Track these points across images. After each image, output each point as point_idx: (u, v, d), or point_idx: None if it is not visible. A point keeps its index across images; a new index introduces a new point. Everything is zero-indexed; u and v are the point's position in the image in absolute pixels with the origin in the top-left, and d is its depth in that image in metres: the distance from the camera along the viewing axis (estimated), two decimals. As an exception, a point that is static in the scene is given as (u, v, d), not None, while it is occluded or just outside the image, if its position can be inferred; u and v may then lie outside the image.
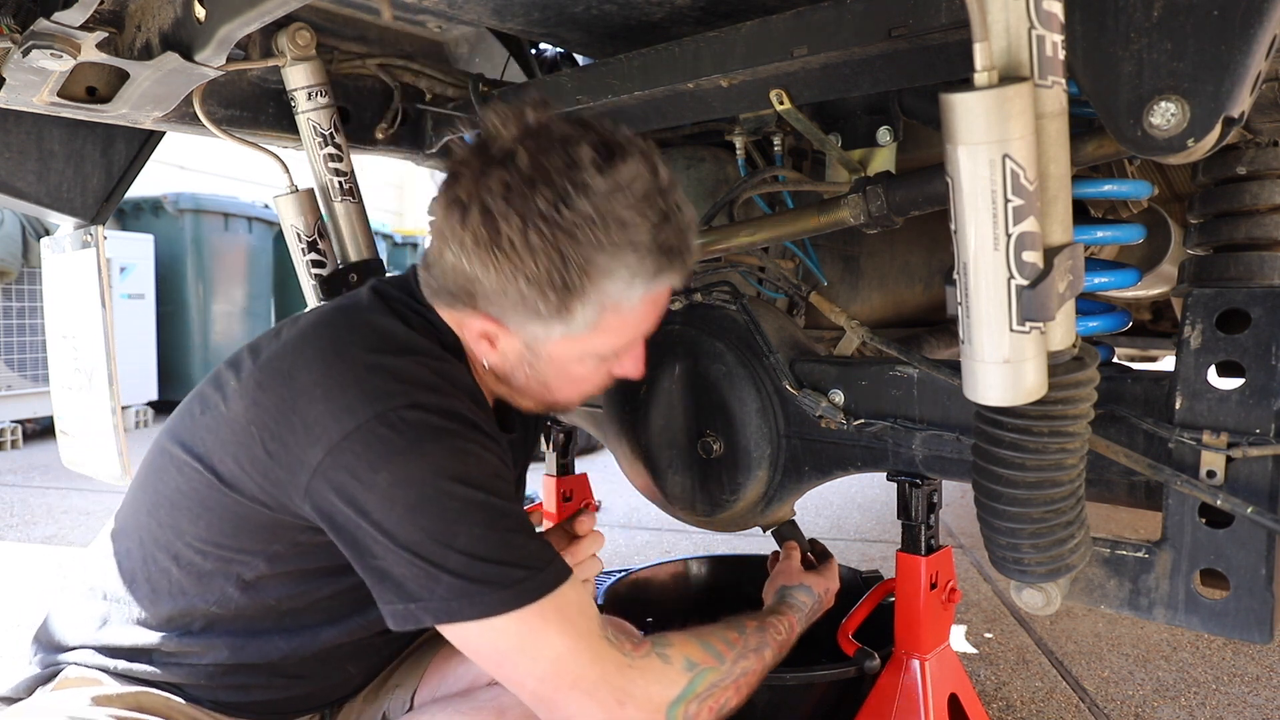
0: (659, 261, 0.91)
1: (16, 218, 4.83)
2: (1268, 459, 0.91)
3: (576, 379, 1.03)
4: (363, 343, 0.93)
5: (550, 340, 0.95)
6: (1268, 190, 1.00)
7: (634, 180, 0.88)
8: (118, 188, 1.70)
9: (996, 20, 0.68)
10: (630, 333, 0.98)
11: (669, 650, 0.97)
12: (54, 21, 1.04)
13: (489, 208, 0.86)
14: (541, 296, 0.89)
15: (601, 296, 0.91)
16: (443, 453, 0.87)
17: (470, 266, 0.90)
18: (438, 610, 0.86)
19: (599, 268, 0.88)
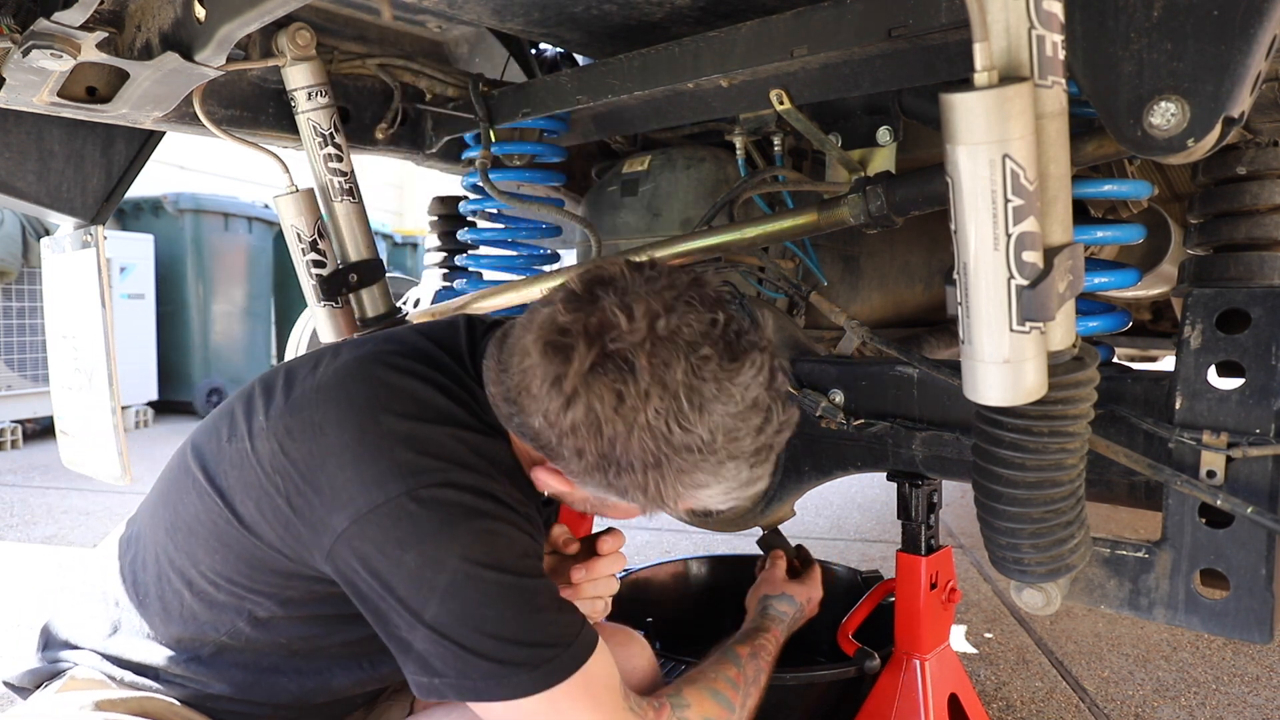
0: (755, 468, 0.89)
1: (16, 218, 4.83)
2: (1268, 459, 0.91)
3: (627, 513, 1.01)
4: (400, 408, 0.89)
5: (612, 504, 0.95)
6: (1268, 190, 1.00)
7: (749, 387, 0.84)
8: (118, 188, 1.70)
9: (996, 20, 0.68)
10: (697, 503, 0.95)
11: (688, 713, 1.00)
12: (54, 21, 1.04)
13: (595, 412, 0.82)
14: (625, 494, 0.87)
15: (693, 502, 0.90)
16: (473, 536, 0.85)
17: (558, 444, 0.86)
18: (463, 688, 0.85)
19: (698, 483, 0.86)
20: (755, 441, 0.86)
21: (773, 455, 0.90)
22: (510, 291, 1.65)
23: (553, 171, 1.67)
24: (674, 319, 0.83)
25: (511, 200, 1.56)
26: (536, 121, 1.52)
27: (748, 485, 0.90)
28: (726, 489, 0.88)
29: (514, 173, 1.63)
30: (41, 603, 2.48)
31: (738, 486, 0.89)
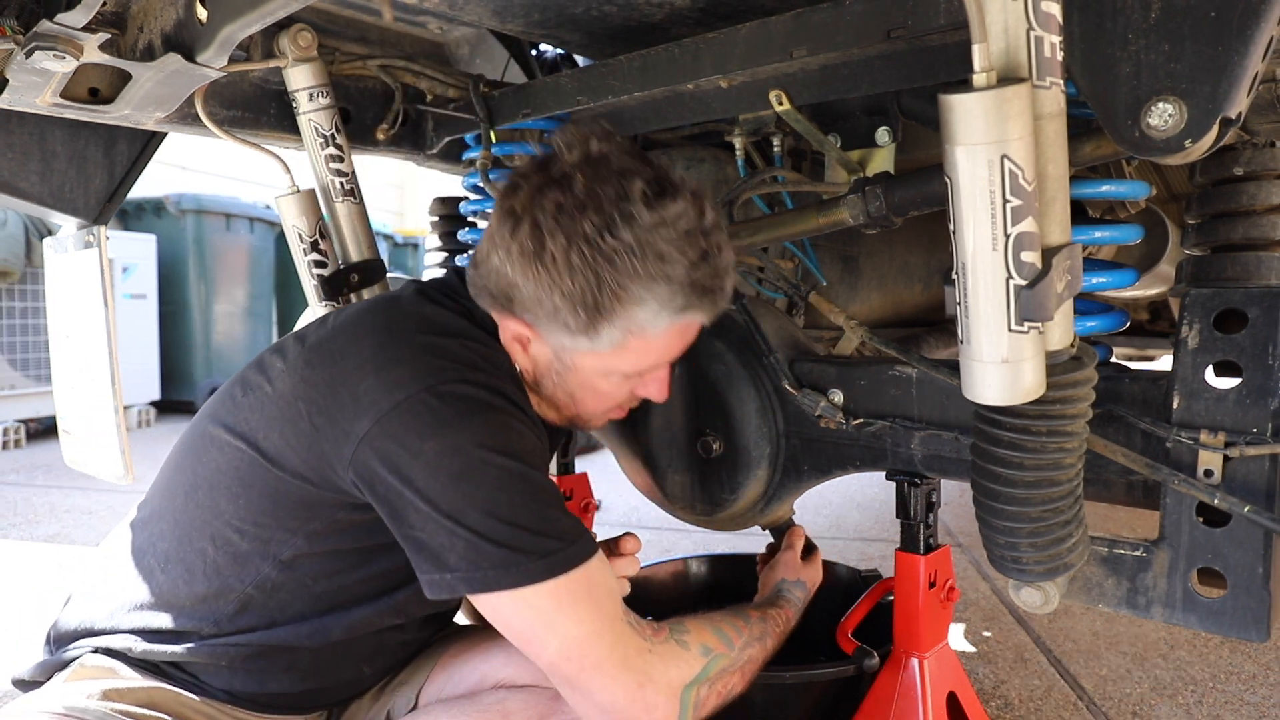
0: (689, 298, 0.97)
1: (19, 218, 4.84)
2: (1265, 458, 0.91)
3: (600, 394, 1.07)
4: (414, 326, 0.99)
5: (576, 352, 1.01)
6: (1265, 191, 1.01)
7: (679, 218, 0.94)
8: (120, 188, 1.70)
9: (995, 21, 0.68)
10: (653, 358, 1.04)
11: (686, 637, 1.00)
12: (57, 23, 1.04)
13: (539, 224, 0.93)
14: (572, 312, 0.95)
15: (628, 321, 0.96)
16: (488, 426, 0.91)
17: (513, 274, 0.96)
18: (472, 580, 0.88)
19: (630, 294, 0.94)
20: (690, 274, 0.95)
21: (713, 299, 0.99)
22: (511, 291, 1.65)
23: (553, 172, 1.67)
24: (606, 147, 0.96)
25: (512, 200, 1.56)
26: (537, 122, 1.53)
27: (681, 313, 0.97)
28: (658, 307, 0.96)
29: (514, 173, 1.63)
30: (44, 602, 2.48)
31: (672, 311, 0.97)
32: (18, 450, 5.09)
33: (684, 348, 1.07)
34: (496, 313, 1.03)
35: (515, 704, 1.05)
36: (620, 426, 1.59)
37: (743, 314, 1.39)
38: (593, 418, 1.14)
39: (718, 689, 1.01)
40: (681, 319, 0.99)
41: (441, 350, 0.95)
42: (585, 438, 4.51)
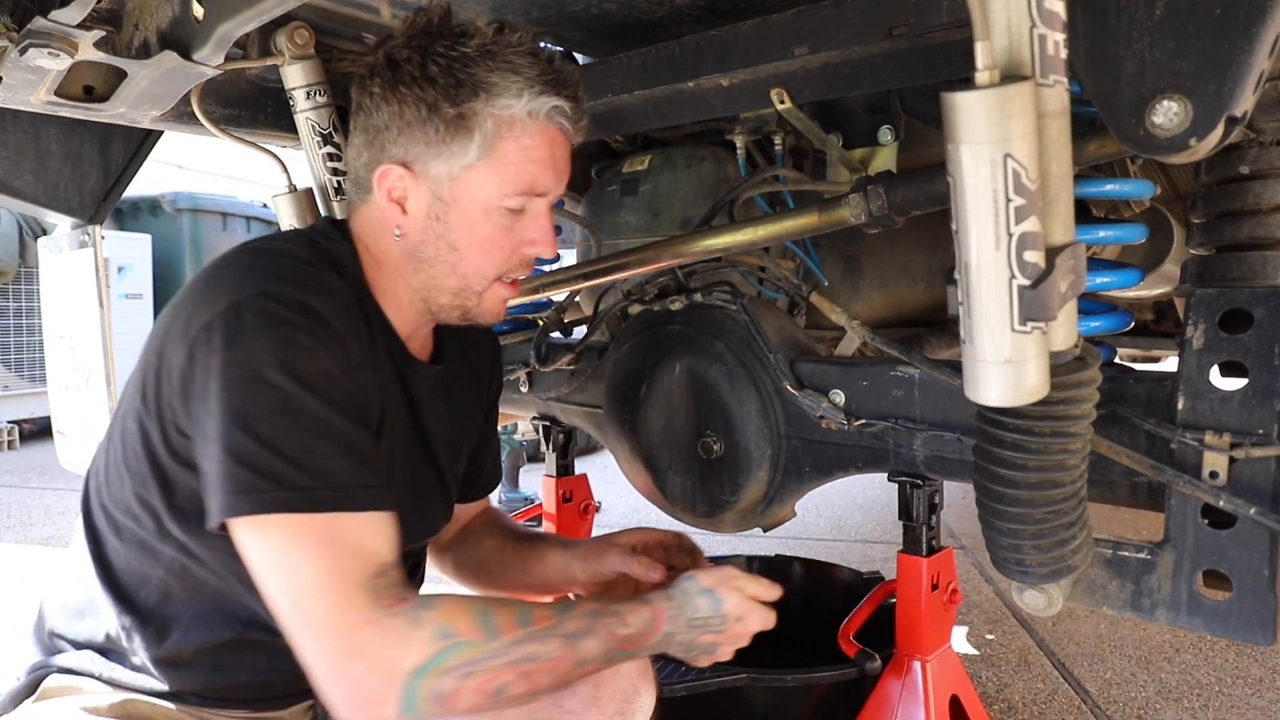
0: (546, 86, 0.96)
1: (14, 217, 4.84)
2: (1270, 459, 0.90)
3: (485, 239, 1.01)
4: (242, 250, 0.97)
5: (453, 179, 0.98)
6: (1270, 190, 1.00)
7: (522, 40, 0.96)
8: (115, 187, 1.69)
9: (998, 19, 0.68)
10: (529, 169, 0.99)
11: (426, 614, 0.86)
12: (51, 20, 1.03)
13: (393, 56, 0.95)
14: (439, 116, 0.94)
15: (493, 109, 0.95)
16: (276, 340, 0.86)
17: (379, 116, 0.97)
18: (223, 504, 0.84)
19: (489, 84, 0.94)
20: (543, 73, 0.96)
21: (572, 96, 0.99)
22: (510, 291, 1.65)
23: (552, 171, 1.67)
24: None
25: (511, 200, 1.55)
26: (536, 121, 1.52)
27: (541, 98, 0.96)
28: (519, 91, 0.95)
29: (513, 172, 1.62)
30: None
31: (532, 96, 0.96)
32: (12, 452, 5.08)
33: (558, 174, 1.03)
34: (371, 184, 1.00)
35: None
36: (620, 426, 1.58)
37: (743, 314, 1.39)
38: (482, 280, 1.03)
39: (472, 684, 0.86)
40: (545, 106, 0.97)
41: (256, 266, 0.92)
42: (585, 438, 4.50)
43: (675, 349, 1.47)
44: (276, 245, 0.98)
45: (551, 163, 1.02)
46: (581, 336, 1.74)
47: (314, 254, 0.98)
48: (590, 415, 1.72)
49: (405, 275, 1.03)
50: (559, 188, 1.04)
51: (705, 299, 1.43)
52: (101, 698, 0.94)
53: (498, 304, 1.07)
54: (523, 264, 1.05)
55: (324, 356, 0.88)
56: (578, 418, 1.78)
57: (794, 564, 2.05)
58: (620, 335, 1.60)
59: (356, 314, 0.97)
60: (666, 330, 1.49)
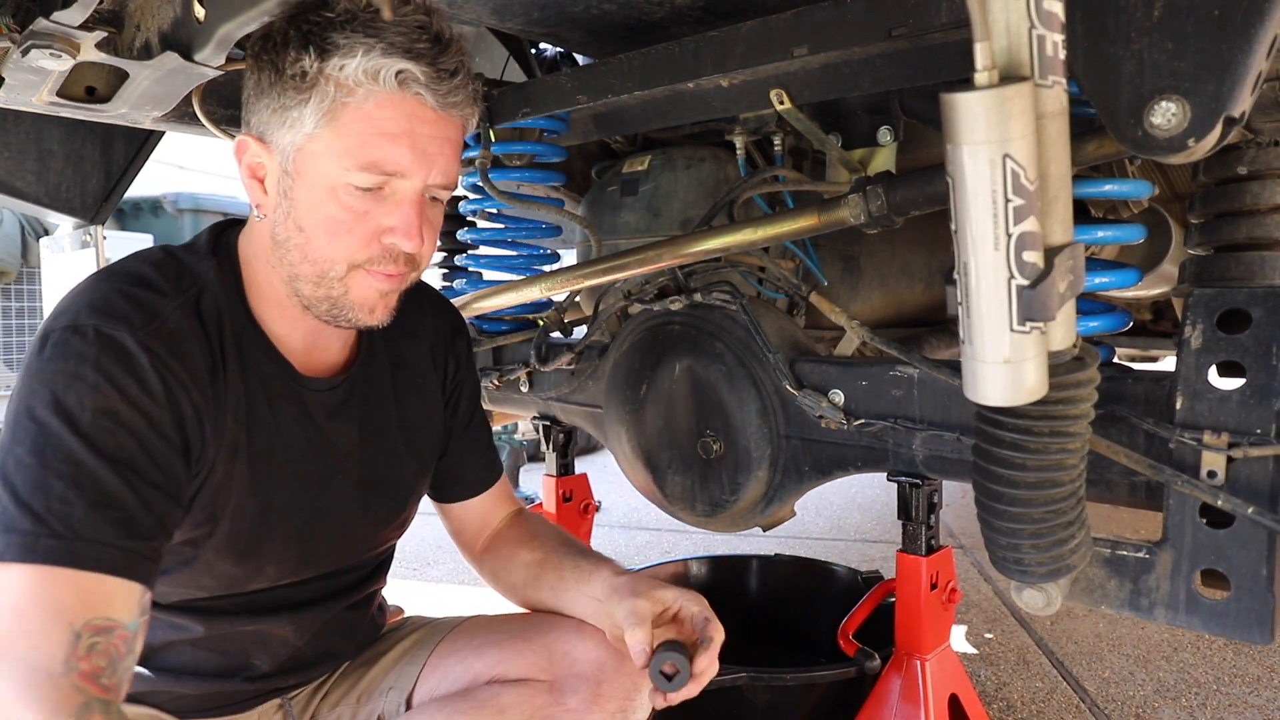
0: (400, 50, 0.86)
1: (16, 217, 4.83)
2: (1268, 459, 0.90)
3: (333, 221, 0.91)
4: (97, 271, 0.93)
5: (297, 150, 0.89)
6: (1269, 190, 1.00)
7: (411, 15, 0.88)
8: (117, 187, 1.70)
9: (997, 20, 0.68)
10: (373, 142, 0.88)
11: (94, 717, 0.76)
12: (53, 21, 1.04)
13: (268, 31, 0.91)
14: (282, 79, 0.88)
15: (327, 69, 0.86)
16: (57, 375, 0.81)
17: (246, 86, 0.94)
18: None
19: (334, 45, 0.86)
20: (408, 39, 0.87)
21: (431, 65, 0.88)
22: (510, 291, 1.65)
23: (553, 171, 1.67)
24: None
25: (511, 200, 1.56)
26: (536, 121, 1.52)
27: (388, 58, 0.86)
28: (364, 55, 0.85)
29: (514, 172, 1.63)
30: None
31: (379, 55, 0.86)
32: (17, 451, 5.07)
33: (415, 147, 0.90)
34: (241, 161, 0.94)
35: (510, 699, 1.04)
36: (620, 426, 1.59)
37: (743, 314, 1.39)
38: (335, 266, 0.93)
39: None
40: (386, 66, 0.86)
41: (84, 292, 0.88)
42: (585, 438, 4.50)
43: (675, 349, 1.47)
44: (127, 266, 0.92)
45: (409, 138, 0.89)
46: (581, 336, 1.74)
47: (161, 275, 0.92)
48: (590, 415, 1.72)
49: (273, 264, 0.96)
50: (427, 172, 0.91)
51: (705, 299, 1.44)
52: None
53: (370, 296, 0.95)
54: (386, 255, 0.93)
55: (110, 395, 0.82)
56: (578, 418, 1.78)
57: (793, 563, 2.06)
58: (620, 335, 1.60)
59: (195, 341, 0.90)
60: (666, 330, 1.49)
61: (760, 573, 2.08)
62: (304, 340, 1.01)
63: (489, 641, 1.14)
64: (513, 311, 1.84)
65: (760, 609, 2.06)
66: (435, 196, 0.96)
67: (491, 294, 1.67)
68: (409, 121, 0.89)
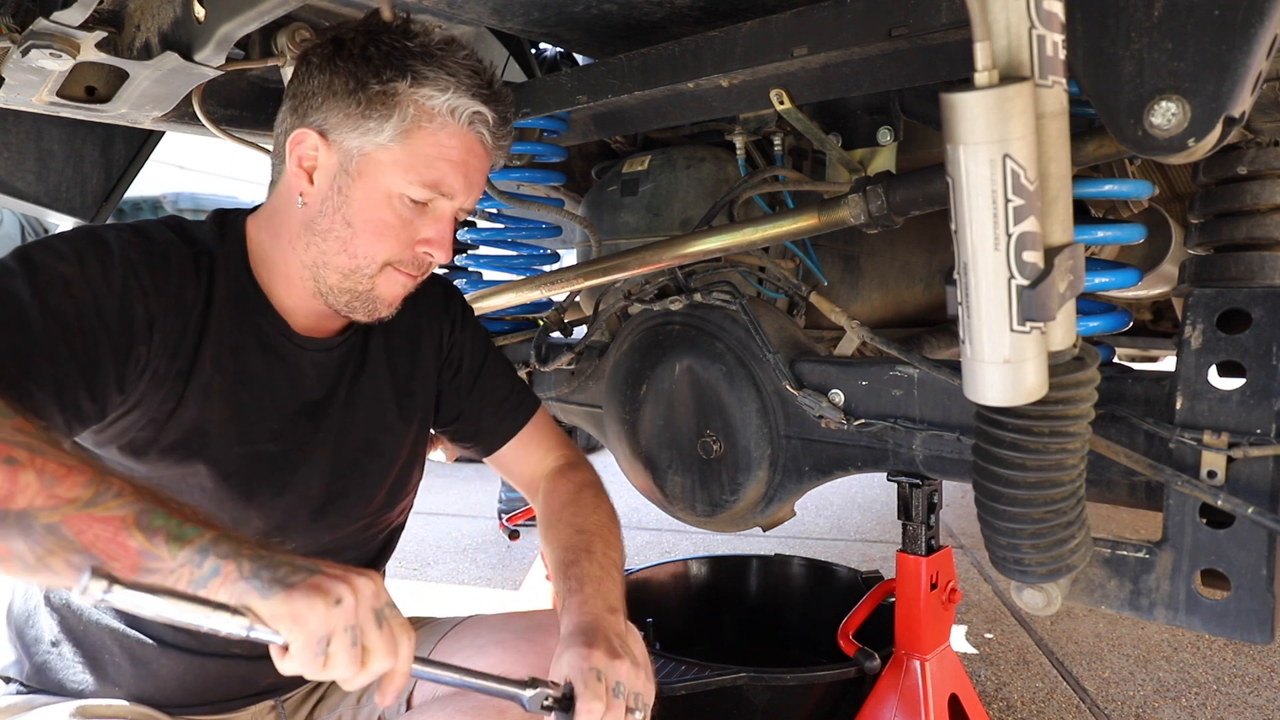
0: (473, 90, 0.98)
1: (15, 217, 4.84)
2: (1268, 459, 0.90)
3: (380, 224, 0.99)
4: None
5: (363, 155, 0.98)
6: (1269, 190, 1.00)
7: (469, 58, 1.00)
8: (117, 187, 1.70)
9: (997, 20, 0.68)
10: (439, 165, 0.98)
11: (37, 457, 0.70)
12: (53, 21, 1.04)
13: (340, 37, 0.98)
14: (365, 91, 0.96)
15: (417, 95, 0.96)
16: (40, 244, 0.89)
17: (310, 84, 0.99)
18: None
19: (421, 73, 0.96)
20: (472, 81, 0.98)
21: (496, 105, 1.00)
22: (510, 291, 1.65)
23: (553, 171, 1.67)
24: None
25: (511, 200, 1.56)
26: (536, 121, 1.52)
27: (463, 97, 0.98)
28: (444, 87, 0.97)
29: (514, 173, 1.63)
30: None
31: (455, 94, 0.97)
32: (17, 450, 5.07)
33: (468, 180, 1.01)
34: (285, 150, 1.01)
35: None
36: (620, 426, 1.59)
37: (743, 314, 1.39)
38: (372, 264, 1.00)
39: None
40: (468, 108, 0.98)
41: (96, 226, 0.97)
42: (585, 438, 4.50)
43: (675, 349, 1.47)
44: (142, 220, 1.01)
45: (464, 168, 1.01)
46: (581, 336, 1.74)
47: (167, 226, 1.01)
48: (590, 415, 1.72)
49: (298, 249, 1.02)
50: (467, 198, 1.03)
51: (705, 299, 1.44)
52: (60, 710, 0.96)
53: (394, 290, 1.04)
54: (415, 261, 1.03)
55: (73, 264, 0.88)
56: (578, 418, 1.78)
57: (793, 563, 2.06)
58: (620, 335, 1.60)
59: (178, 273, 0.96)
60: (666, 330, 1.49)
61: (760, 573, 2.08)
62: (306, 314, 1.07)
63: (491, 641, 1.14)
64: (513, 311, 1.84)
65: (760, 609, 2.06)
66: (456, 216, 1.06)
67: (491, 294, 1.67)
68: (468, 154, 1.01)
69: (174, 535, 0.70)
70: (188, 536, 0.70)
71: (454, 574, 3.01)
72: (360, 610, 0.73)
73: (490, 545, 3.32)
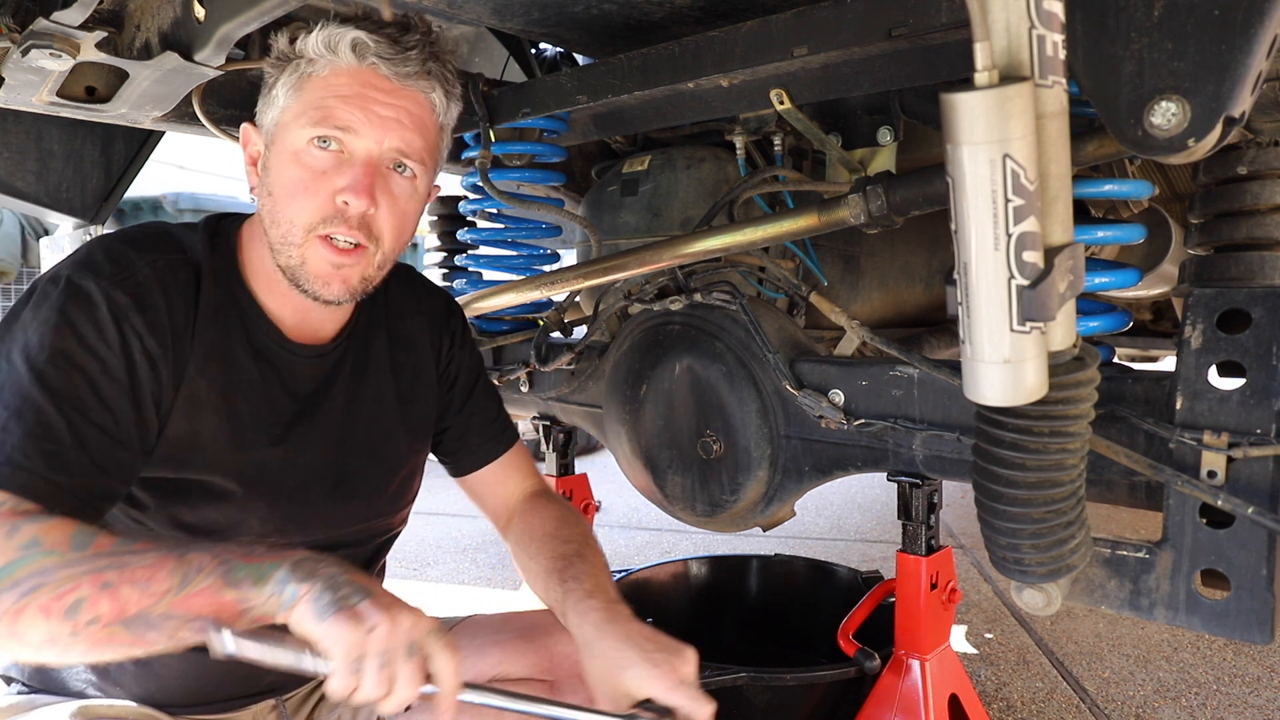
0: (350, 23, 0.96)
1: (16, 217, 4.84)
2: (1268, 459, 0.90)
3: (292, 182, 0.96)
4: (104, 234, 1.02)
5: (276, 126, 0.99)
6: (1268, 190, 1.00)
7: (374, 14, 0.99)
8: (117, 187, 1.70)
9: (997, 20, 0.68)
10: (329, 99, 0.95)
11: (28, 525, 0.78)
12: (53, 21, 1.04)
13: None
14: (271, 66, 0.99)
15: (300, 49, 0.97)
16: (31, 321, 0.88)
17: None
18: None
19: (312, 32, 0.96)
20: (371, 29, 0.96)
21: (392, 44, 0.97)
22: (510, 291, 1.65)
23: (553, 171, 1.67)
24: None
25: (511, 200, 1.56)
26: (536, 121, 1.52)
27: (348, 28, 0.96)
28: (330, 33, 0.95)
29: (514, 173, 1.63)
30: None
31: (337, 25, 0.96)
32: (17, 450, 5.07)
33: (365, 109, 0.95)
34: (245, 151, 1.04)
35: None
36: (620, 426, 1.59)
37: (743, 314, 1.39)
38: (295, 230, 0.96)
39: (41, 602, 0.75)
40: (340, 37, 0.95)
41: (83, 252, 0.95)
42: (585, 438, 4.50)
43: (675, 349, 1.47)
44: (122, 229, 1.00)
45: (360, 100, 0.95)
46: (581, 336, 1.74)
47: (146, 237, 0.98)
48: (590, 415, 1.72)
49: (262, 242, 1.01)
50: (375, 132, 0.96)
51: (705, 299, 1.44)
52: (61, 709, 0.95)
53: (323, 268, 0.97)
54: (339, 215, 0.96)
55: (66, 337, 0.87)
56: (578, 417, 1.78)
57: (793, 563, 2.06)
58: (620, 335, 1.60)
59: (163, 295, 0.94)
60: (666, 330, 1.49)
61: (760, 573, 2.08)
62: (294, 314, 1.05)
63: (490, 641, 1.14)
64: (513, 311, 1.84)
65: (760, 609, 2.06)
66: (400, 167, 1.00)
67: (491, 294, 1.67)
68: (363, 87, 0.96)
69: (257, 577, 0.79)
70: (267, 574, 0.79)
71: (454, 574, 3.01)
72: (393, 638, 0.77)
73: (490, 545, 3.32)
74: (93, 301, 0.89)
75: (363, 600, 0.78)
